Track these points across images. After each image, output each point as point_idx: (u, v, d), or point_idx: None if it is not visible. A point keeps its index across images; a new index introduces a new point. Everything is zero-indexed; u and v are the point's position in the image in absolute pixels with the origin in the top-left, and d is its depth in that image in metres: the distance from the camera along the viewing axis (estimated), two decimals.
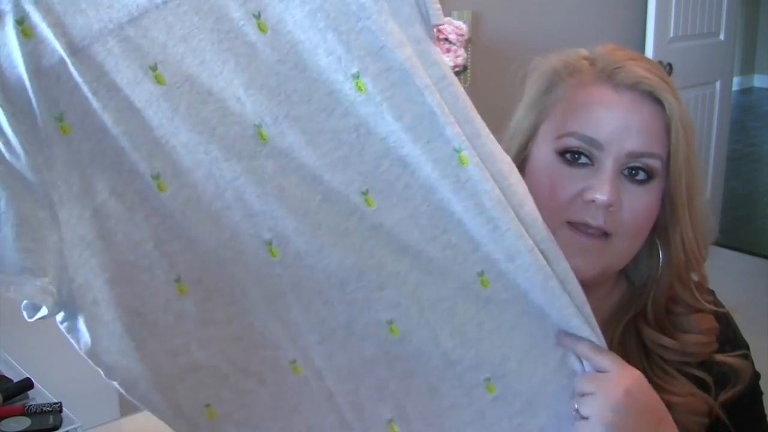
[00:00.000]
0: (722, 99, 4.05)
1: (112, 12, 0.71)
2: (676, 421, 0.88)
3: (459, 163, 0.73)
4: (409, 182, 0.75)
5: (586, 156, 0.88)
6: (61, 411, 1.17)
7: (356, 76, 0.71)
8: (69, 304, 0.84)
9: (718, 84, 4.01)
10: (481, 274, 0.77)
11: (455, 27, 2.52)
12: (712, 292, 1.01)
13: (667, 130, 0.89)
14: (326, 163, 0.75)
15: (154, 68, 0.72)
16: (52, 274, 0.79)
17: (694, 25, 3.74)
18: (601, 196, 0.86)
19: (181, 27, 0.73)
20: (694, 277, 0.97)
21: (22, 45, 0.70)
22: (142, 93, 0.72)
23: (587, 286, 0.96)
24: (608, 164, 0.87)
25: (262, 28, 0.73)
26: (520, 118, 0.95)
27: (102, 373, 0.87)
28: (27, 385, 1.24)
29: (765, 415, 1.01)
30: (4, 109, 0.71)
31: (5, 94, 0.71)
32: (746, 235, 4.41)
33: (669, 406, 0.89)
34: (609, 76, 0.90)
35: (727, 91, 4.16)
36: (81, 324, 0.85)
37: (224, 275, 0.80)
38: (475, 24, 2.90)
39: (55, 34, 0.70)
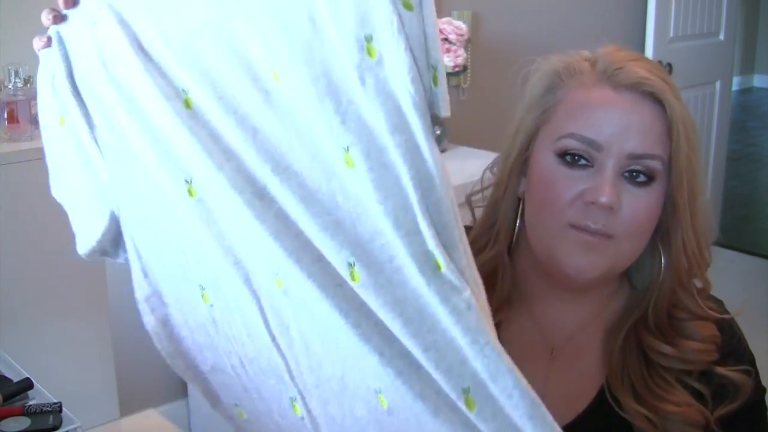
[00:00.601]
0: (722, 99, 4.05)
1: None
2: (673, 430, 0.89)
3: (436, 266, 0.68)
4: (402, 266, 0.70)
5: (586, 158, 0.88)
6: (61, 411, 1.17)
7: (346, 149, 0.69)
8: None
9: (718, 84, 4.01)
10: (466, 391, 0.70)
11: (455, 27, 2.52)
12: (720, 302, 1.01)
13: (669, 131, 0.88)
14: (318, 224, 0.73)
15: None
16: None
17: (694, 25, 3.74)
18: (602, 198, 0.86)
19: None
20: (697, 283, 0.96)
21: None
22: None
23: (588, 289, 0.96)
24: (608, 166, 0.87)
25: (275, 77, 0.73)
26: (521, 118, 0.94)
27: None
28: (27, 385, 1.24)
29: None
30: None
31: None
32: (746, 235, 4.41)
33: (665, 415, 0.90)
34: (609, 76, 0.89)
35: (727, 91, 4.16)
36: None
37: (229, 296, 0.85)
38: (475, 24, 2.90)
39: None
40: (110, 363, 1.78)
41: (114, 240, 0.99)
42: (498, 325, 0.94)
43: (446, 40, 2.49)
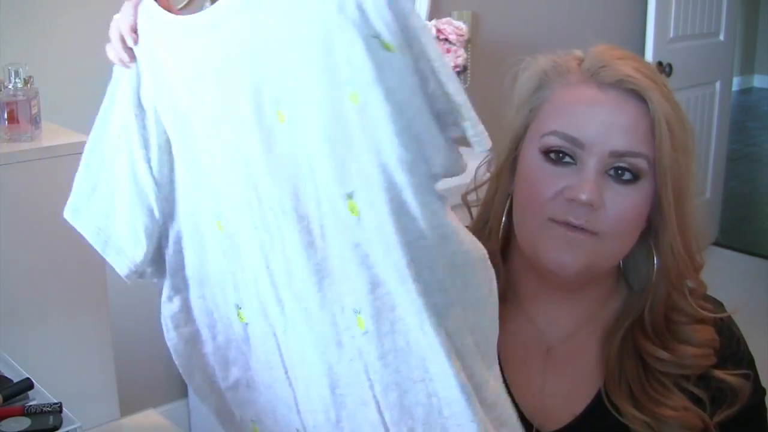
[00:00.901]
0: (722, 99, 4.05)
1: None
2: None
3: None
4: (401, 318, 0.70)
5: (569, 155, 0.88)
6: (61, 411, 1.16)
7: (350, 196, 0.68)
8: None
9: (718, 84, 4.01)
10: None
11: (455, 27, 2.52)
12: (719, 304, 1.00)
13: (652, 128, 0.88)
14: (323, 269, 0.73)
15: None
16: None
17: (694, 25, 3.74)
18: (582, 195, 0.86)
19: None
20: (690, 284, 0.96)
21: None
22: None
23: (582, 289, 0.96)
24: (591, 164, 0.87)
25: (280, 117, 0.73)
26: (510, 118, 0.95)
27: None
28: (27, 385, 1.24)
29: None
30: None
31: None
32: (746, 235, 4.40)
33: (662, 420, 0.90)
34: (593, 74, 0.90)
35: (727, 91, 4.15)
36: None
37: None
38: (475, 24, 2.90)
39: None
40: (110, 363, 1.78)
41: (153, 261, 0.99)
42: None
43: (446, 40, 2.49)
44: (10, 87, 1.67)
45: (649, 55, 3.56)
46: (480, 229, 0.99)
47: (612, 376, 0.93)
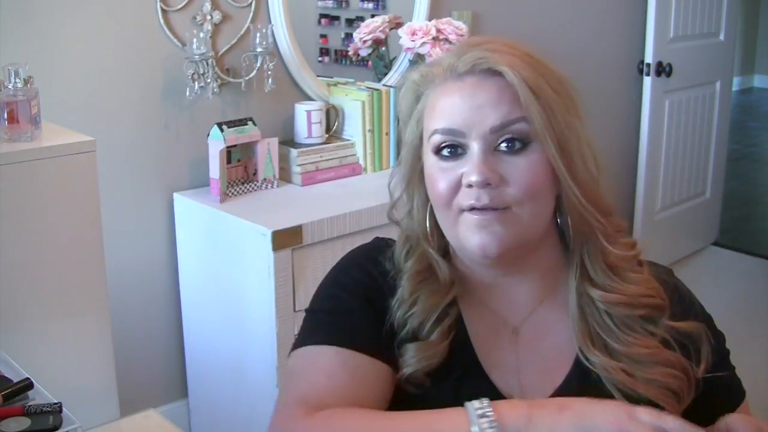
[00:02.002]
0: (722, 99, 4.05)
1: None
2: (650, 376, 0.93)
3: None
4: None
5: (456, 146, 0.94)
6: (61, 411, 1.17)
7: None
8: None
9: (718, 84, 4.01)
10: None
11: (455, 27, 2.52)
12: (660, 266, 1.05)
13: (517, 95, 0.92)
14: None
15: None
16: None
17: (694, 25, 3.74)
18: (474, 177, 0.91)
19: None
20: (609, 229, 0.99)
21: None
22: None
23: (521, 265, 1.00)
24: (475, 147, 0.92)
25: None
26: (407, 132, 1.01)
27: None
28: (27, 385, 1.24)
29: (733, 368, 1.07)
30: None
31: None
32: (746, 235, 4.40)
33: (637, 359, 0.95)
34: (452, 70, 0.96)
35: (727, 91, 4.15)
36: None
37: None
38: (475, 24, 2.90)
39: None
40: (110, 363, 1.78)
41: None
42: (458, 319, 0.99)
43: (446, 40, 2.49)
44: (10, 87, 1.67)
45: (649, 55, 3.57)
46: (411, 239, 1.03)
47: (582, 334, 0.98)
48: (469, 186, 0.92)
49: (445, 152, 0.95)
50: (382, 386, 0.95)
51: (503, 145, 0.92)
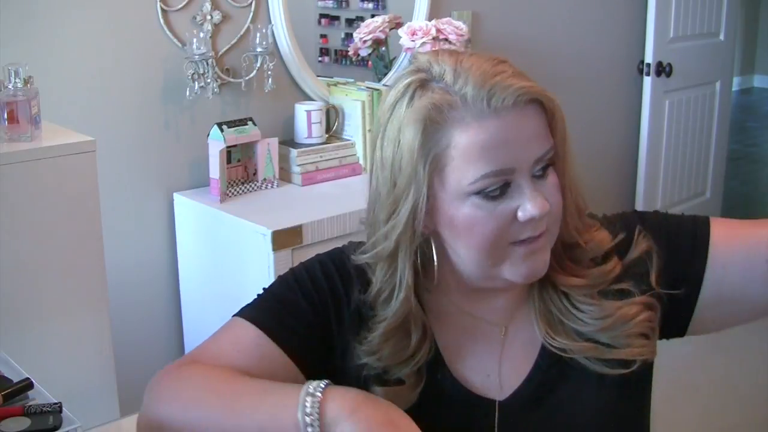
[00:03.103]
0: (722, 99, 4.05)
1: None
2: (623, 336, 0.95)
3: None
4: None
5: (504, 185, 0.89)
6: (61, 411, 1.17)
7: None
8: None
9: (718, 84, 4.01)
10: None
11: (455, 27, 2.52)
12: (595, 215, 1.05)
13: (550, 120, 0.92)
14: None
15: None
16: None
17: (694, 25, 3.74)
18: (538, 211, 0.88)
19: None
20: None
21: None
22: None
23: None
24: (524, 180, 0.89)
25: None
26: (413, 171, 0.90)
27: None
28: (27, 385, 1.24)
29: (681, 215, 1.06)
30: None
31: None
32: None
33: (605, 330, 0.96)
34: (487, 105, 0.87)
35: (727, 91, 4.16)
36: None
37: None
38: (475, 24, 2.90)
39: None
40: (110, 363, 1.78)
41: None
42: (430, 336, 0.97)
43: (446, 40, 2.49)
44: (10, 87, 1.67)
45: (649, 55, 3.57)
46: (388, 279, 0.95)
47: (542, 321, 0.98)
48: (529, 220, 0.89)
49: (491, 192, 0.89)
50: (277, 377, 0.93)
51: (538, 171, 0.91)
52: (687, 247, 1.00)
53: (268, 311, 0.99)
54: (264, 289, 1.03)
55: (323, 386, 0.84)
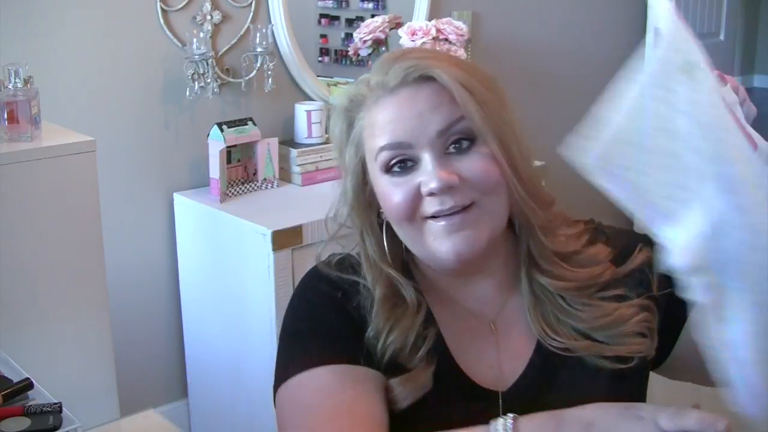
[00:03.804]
0: None
1: None
2: (621, 336, 0.97)
3: None
4: None
5: (406, 160, 0.95)
6: (61, 411, 1.17)
7: None
8: None
9: None
10: None
11: (455, 27, 2.52)
12: (599, 223, 1.07)
13: (458, 97, 0.93)
14: None
15: None
16: None
17: (693, 25, 3.74)
18: (434, 184, 0.91)
19: None
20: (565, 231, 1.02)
21: None
22: None
23: (491, 264, 1.02)
24: (425, 155, 0.93)
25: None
26: (345, 159, 1.00)
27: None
28: (27, 385, 1.25)
29: None
30: None
31: None
32: None
33: (601, 330, 0.97)
34: (383, 86, 0.95)
35: None
36: None
37: None
38: (475, 24, 2.90)
39: None
40: (110, 363, 1.78)
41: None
42: (433, 320, 1.00)
43: (446, 40, 2.49)
44: (10, 87, 1.67)
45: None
46: (372, 266, 1.01)
47: (536, 320, 1.00)
48: (431, 194, 0.92)
49: (396, 168, 0.95)
50: (382, 393, 0.95)
51: (452, 147, 0.93)
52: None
53: (312, 347, 0.97)
54: (282, 338, 1.02)
55: (510, 420, 0.85)
